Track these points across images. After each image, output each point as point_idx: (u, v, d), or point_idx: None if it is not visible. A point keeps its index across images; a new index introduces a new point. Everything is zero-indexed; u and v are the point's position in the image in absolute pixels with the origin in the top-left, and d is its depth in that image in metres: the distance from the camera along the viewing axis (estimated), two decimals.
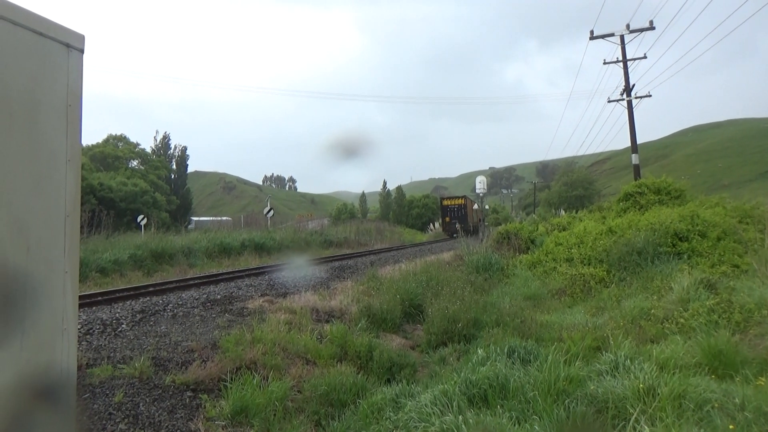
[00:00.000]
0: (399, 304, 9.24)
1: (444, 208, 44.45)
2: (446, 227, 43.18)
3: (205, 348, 6.43)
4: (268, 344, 6.48)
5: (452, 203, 44.35)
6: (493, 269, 13.16)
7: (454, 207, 43.70)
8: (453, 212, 43.44)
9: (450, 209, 43.79)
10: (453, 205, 43.97)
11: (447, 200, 45.51)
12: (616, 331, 6.51)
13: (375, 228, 41.43)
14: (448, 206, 44.05)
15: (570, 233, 15.06)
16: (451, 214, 43.46)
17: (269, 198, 42.34)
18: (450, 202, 44.86)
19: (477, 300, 9.39)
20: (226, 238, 21.87)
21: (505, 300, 9.67)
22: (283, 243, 24.20)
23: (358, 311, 8.77)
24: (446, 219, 43.78)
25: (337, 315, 8.73)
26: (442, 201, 45.83)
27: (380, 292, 10.07)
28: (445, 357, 7.19)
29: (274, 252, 22.70)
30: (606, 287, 10.39)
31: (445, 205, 44.41)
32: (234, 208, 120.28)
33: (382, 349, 7.10)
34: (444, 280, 10.80)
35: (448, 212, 43.85)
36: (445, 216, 44.18)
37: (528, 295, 10.37)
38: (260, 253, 21.86)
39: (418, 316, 9.34)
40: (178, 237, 21.68)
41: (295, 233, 27.63)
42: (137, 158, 56.85)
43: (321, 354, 6.75)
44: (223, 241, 21.00)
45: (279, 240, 24.27)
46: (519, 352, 5.84)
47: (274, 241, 23.82)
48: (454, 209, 43.55)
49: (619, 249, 11.60)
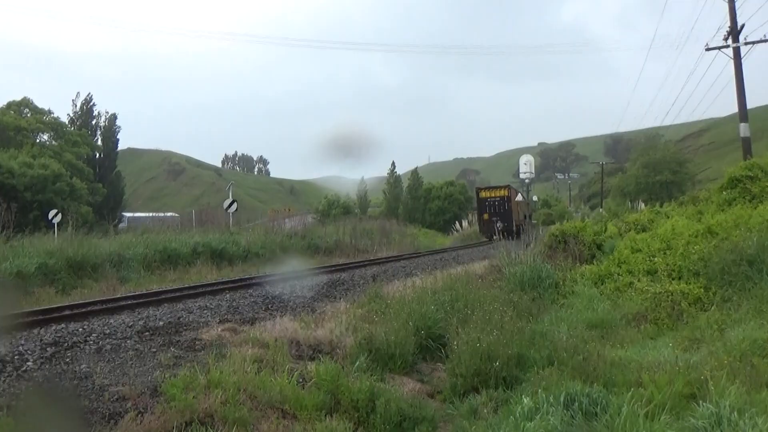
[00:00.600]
0: (412, 335, 9.31)
1: (481, 202, 44.74)
2: (484, 227, 43.50)
3: (142, 395, 6.52)
4: (229, 390, 6.57)
5: (492, 195, 44.47)
6: (543, 285, 13.21)
7: (494, 200, 43.92)
8: (493, 207, 43.67)
9: (489, 203, 44.03)
10: (493, 198, 44.16)
11: (485, 191, 45.73)
12: (717, 372, 6.55)
13: (379, 228, 41.22)
14: (487, 200, 44.29)
15: (652, 235, 15.03)
16: (491, 210, 43.69)
17: (231, 186, 40.70)
18: (489, 193, 45.02)
19: (521, 328, 9.45)
20: (172, 242, 21.94)
21: (561, 328, 9.72)
22: (251, 249, 24.21)
23: (356, 344, 8.85)
24: (484, 216, 44.05)
25: (326, 350, 8.83)
26: (479, 192, 46.10)
27: (386, 317, 10.09)
28: (476, 408, 7.24)
29: (239, 261, 22.76)
30: (703, 311, 10.43)
31: (483, 198, 44.66)
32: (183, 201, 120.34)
33: (388, 397, 7.18)
34: (475, 301, 10.83)
35: (486, 207, 44.12)
36: (482, 212, 44.47)
37: (593, 322, 10.43)
38: (219, 262, 21.95)
39: (439, 352, 9.43)
40: (105, 240, 21.67)
41: (267, 235, 27.63)
42: (49, 131, 57.25)
43: (303, 403, 6.83)
44: (167, 247, 21.08)
45: (245, 245, 24.36)
46: (581, 402, 5.86)
47: (239, 247, 23.91)
48: (494, 203, 43.75)
49: (722, 257, 11.58)
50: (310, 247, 28.80)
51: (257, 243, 25.26)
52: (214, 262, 21.74)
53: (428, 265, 20.79)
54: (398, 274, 18.19)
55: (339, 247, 31.11)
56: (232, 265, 22.20)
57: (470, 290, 11.71)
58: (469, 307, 10.39)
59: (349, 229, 35.95)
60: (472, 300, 10.93)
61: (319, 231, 34.82)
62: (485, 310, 10.09)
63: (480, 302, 10.66)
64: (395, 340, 8.81)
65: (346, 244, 32.08)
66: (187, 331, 9.67)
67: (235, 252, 23.43)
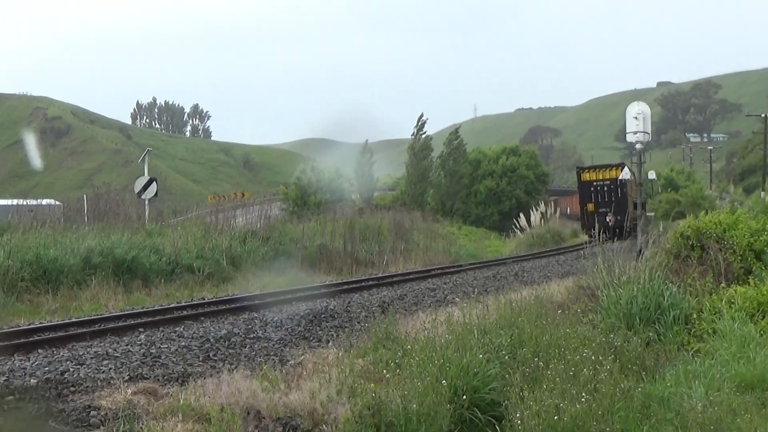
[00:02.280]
0: (447, 401, 7.47)
1: (584, 186, 37.40)
2: (588, 221, 35.85)
3: None
4: None
5: (600, 178, 37.03)
6: (665, 320, 10.70)
7: (602, 185, 36.61)
8: (601, 194, 36.52)
9: (596, 189, 36.68)
10: (601, 182, 36.76)
11: (590, 172, 38.59)
12: None
13: (392, 225, 30.29)
14: (593, 183, 37.06)
15: None
16: (597, 198, 36.41)
17: (148, 156, 29.14)
18: (595, 175, 37.61)
19: (628, 391, 7.81)
20: (50, 247, 15.79)
21: (695, 391, 7.93)
22: (181, 260, 17.93)
23: (354, 417, 7.24)
24: (588, 207, 37.05)
25: (305, 426, 7.34)
26: (581, 174, 38.75)
27: (404, 372, 8.22)
28: None
29: (160, 280, 16.91)
30: None
31: (587, 182, 37.25)
32: (68, 179, 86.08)
33: None
34: (552, 346, 8.73)
35: (591, 194, 36.87)
36: (585, 201, 37.36)
37: (749, 381, 8.39)
38: (128, 282, 16.13)
39: (491, 428, 7.67)
40: None
41: (206, 237, 20.50)
42: None
43: None
44: (41, 256, 15.12)
45: (170, 253, 17.97)
46: None
47: (160, 257, 17.59)
48: (602, 189, 36.42)
49: None
50: (277, 256, 21.34)
51: (190, 250, 18.69)
52: (119, 280, 16.03)
53: (474, 285, 16.90)
54: (424, 302, 14.70)
55: (326, 257, 23.09)
56: (150, 286, 16.56)
57: (544, 328, 9.53)
58: (541, 356, 8.51)
59: (342, 227, 26.68)
60: (547, 344, 8.85)
61: (292, 229, 26.16)
62: (568, 360, 8.23)
63: (560, 348, 8.76)
64: (419, 411, 7.21)
65: (337, 251, 24.02)
66: (77, 394, 7.73)
67: (155, 265, 17.11)
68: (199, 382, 8.01)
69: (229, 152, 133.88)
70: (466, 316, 10.17)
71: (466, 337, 9.02)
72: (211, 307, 13.66)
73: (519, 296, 12.26)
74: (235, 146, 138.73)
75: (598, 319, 10.97)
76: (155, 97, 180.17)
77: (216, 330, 11.40)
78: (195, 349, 10.10)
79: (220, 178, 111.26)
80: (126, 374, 8.47)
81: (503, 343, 8.99)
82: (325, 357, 9.41)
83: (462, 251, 32.57)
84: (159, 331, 11.42)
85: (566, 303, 12.23)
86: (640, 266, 12.28)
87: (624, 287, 11.36)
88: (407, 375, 8.07)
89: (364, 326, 11.87)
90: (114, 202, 24.95)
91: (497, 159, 55.76)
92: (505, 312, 10.46)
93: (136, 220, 23.79)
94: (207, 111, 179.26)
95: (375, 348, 9.66)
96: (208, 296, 15.54)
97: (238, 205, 31.31)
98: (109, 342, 10.58)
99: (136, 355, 9.65)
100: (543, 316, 10.23)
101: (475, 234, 47.29)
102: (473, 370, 8.04)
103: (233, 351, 10.03)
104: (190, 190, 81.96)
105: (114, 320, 12.43)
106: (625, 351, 9.26)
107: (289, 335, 11.39)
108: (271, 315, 12.97)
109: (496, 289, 15.25)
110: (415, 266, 24.24)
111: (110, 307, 14.30)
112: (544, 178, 60.51)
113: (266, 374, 8.39)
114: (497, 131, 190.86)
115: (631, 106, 20.40)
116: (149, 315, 12.88)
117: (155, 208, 27.51)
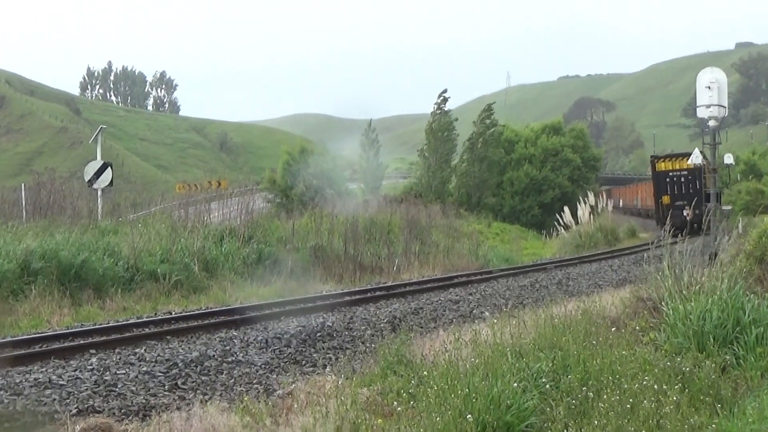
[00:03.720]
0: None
1: (660, 177, 36.49)
2: (663, 214, 34.44)
3: None
4: None
5: (677, 167, 35.96)
6: (745, 339, 9.35)
7: (679, 175, 36.00)
8: (678, 185, 35.63)
9: (672, 180, 35.91)
10: (678, 172, 35.87)
11: (665, 161, 37.95)
12: None
13: (405, 219, 27.45)
14: (669, 174, 36.21)
15: None
16: (673, 190, 35.73)
17: (101, 134, 25.73)
18: (671, 164, 36.64)
19: (699, 428, 7.01)
20: None
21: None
22: (142, 265, 15.89)
23: None
24: (663, 199, 36.52)
25: None
26: (656, 163, 37.54)
27: (420, 404, 7.45)
28: None
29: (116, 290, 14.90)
30: None
31: (662, 172, 36.49)
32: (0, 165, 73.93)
33: None
34: (604, 372, 7.80)
35: (667, 185, 36.04)
36: (661, 192, 36.11)
37: None
38: (77, 292, 14.34)
39: None
40: None
41: (173, 237, 18.01)
42: None
43: None
44: None
45: (129, 256, 15.92)
46: None
47: (116, 260, 15.53)
48: (679, 180, 35.57)
49: None
50: (261, 259, 19.00)
51: (154, 252, 16.62)
52: (65, 290, 14.23)
53: (506, 297, 15.47)
54: (444, 317, 13.35)
55: (322, 261, 20.74)
56: (104, 297, 14.65)
57: (594, 350, 8.35)
58: (591, 385, 7.53)
59: (342, 224, 23.94)
60: (598, 370, 7.88)
61: (280, 227, 23.62)
62: (624, 390, 7.31)
63: (614, 374, 7.77)
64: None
65: (336, 253, 21.56)
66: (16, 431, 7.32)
67: (110, 271, 15.01)
68: (164, 417, 7.42)
69: (202, 131, 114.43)
70: (497, 335, 9.02)
71: (497, 361, 7.93)
72: (180, 324, 12.05)
73: (563, 310, 11.02)
74: (210, 123, 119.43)
75: (661, 338, 9.72)
76: (110, 62, 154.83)
77: (185, 352, 10.13)
78: (159, 375, 9.03)
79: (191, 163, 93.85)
80: (74, 407, 7.75)
81: (543, 368, 7.90)
82: (321, 385, 8.56)
83: (492, 254, 29.27)
84: (115, 354, 10.10)
85: (622, 318, 11.03)
86: (715, 273, 10.96)
87: (694, 299, 10.09)
88: (423, 408, 7.11)
89: (369, 347, 10.82)
90: (59, 192, 21.91)
91: (535, 138, 48.05)
92: (546, 330, 9.34)
93: (87, 216, 20.89)
94: (174, 80, 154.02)
95: (383, 374, 8.69)
96: (175, 310, 13.80)
97: (214, 196, 28.10)
98: (52, 367, 9.30)
99: (86, 383, 8.57)
100: (593, 335, 9.08)
101: (509, 232, 41.96)
102: (506, 401, 6.99)
103: (207, 378, 9.04)
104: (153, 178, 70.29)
105: (59, 339, 10.97)
106: (695, 378, 8.10)
107: (276, 358, 10.34)
108: (254, 333, 11.57)
109: (534, 302, 13.94)
110: (434, 273, 21.89)
111: (54, 324, 12.62)
112: (594, 162, 52.52)
113: (248, 407, 7.60)
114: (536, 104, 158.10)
115: (703, 73, 17.65)
116: (102, 333, 11.35)
117: (110, 201, 24.99)
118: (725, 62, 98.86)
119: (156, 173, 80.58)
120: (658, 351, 8.97)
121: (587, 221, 35.78)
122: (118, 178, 27.34)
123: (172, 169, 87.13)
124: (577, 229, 35.55)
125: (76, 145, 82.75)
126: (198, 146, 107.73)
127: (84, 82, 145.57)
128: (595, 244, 33.43)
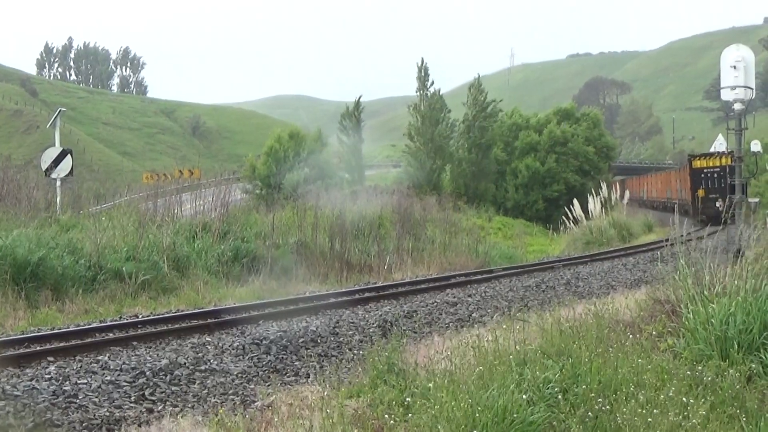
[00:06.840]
0: None
1: (696, 174, 39.17)
2: (700, 207, 38.79)
3: None
4: None
5: (711, 165, 38.46)
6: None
7: (713, 172, 38.40)
8: (712, 180, 38.06)
9: (707, 175, 38.42)
10: (712, 169, 38.65)
11: (700, 160, 40.28)
12: None
13: (397, 214, 26.01)
14: (704, 170, 38.72)
15: None
16: (707, 185, 38.21)
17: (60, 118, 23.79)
18: (706, 162, 39.24)
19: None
20: None
21: None
22: (106, 263, 14.96)
23: None
24: (699, 192, 38.95)
25: None
26: (692, 161, 40.26)
27: (414, 418, 6.98)
28: None
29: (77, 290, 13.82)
30: None
31: (698, 169, 39.10)
32: None
33: None
34: (619, 382, 7.40)
35: (702, 180, 38.63)
36: (696, 186, 38.82)
37: None
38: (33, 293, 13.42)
39: None
40: None
41: (141, 232, 16.94)
42: None
43: None
44: None
45: (91, 253, 14.90)
46: None
47: (77, 258, 14.61)
48: (713, 175, 38.00)
49: None
50: (238, 257, 18.13)
51: (119, 249, 15.66)
52: (20, 291, 13.33)
53: (509, 299, 14.93)
54: (440, 321, 12.89)
55: (306, 258, 20.07)
56: (63, 298, 13.78)
57: (606, 357, 7.93)
58: (605, 396, 7.08)
59: (328, 218, 22.62)
60: (610, 380, 7.49)
61: (259, 221, 22.46)
62: (641, 403, 6.82)
63: (629, 385, 7.38)
64: None
65: (321, 250, 20.50)
66: None
67: (70, 270, 14.12)
68: (130, 431, 7.32)
69: (173, 114, 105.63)
70: (499, 341, 8.38)
71: (498, 370, 7.49)
72: (148, 328, 11.31)
73: (572, 314, 10.40)
74: (181, 106, 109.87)
75: (680, 344, 9.08)
76: (71, 38, 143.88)
77: (154, 360, 9.49)
78: (125, 385, 8.52)
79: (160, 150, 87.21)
80: (30, 420, 7.38)
81: (551, 377, 7.37)
82: (304, 397, 8.12)
83: (493, 251, 27.89)
84: (75, 361, 9.44)
85: (637, 323, 10.40)
86: (740, 272, 10.27)
87: (717, 301, 9.41)
88: (418, 421, 6.71)
89: (357, 355, 10.27)
90: (13, 182, 20.41)
91: (543, 124, 44.49)
92: (554, 335, 8.77)
93: (44, 208, 19.35)
94: (141, 57, 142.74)
95: (373, 384, 8.05)
96: (143, 313, 12.92)
97: (185, 187, 26.61)
98: (6, 376, 8.63)
99: (43, 393, 8.07)
100: (606, 341, 8.50)
101: (512, 228, 39.72)
102: (510, 415, 6.59)
103: (177, 388, 8.59)
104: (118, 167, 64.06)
105: (13, 346, 10.27)
106: (717, 388, 7.63)
107: (254, 367, 9.82)
108: (229, 339, 10.91)
109: (540, 304, 13.32)
110: (429, 272, 20.90)
111: (8, 328, 11.85)
112: (608, 152, 49.10)
113: (223, 420, 7.24)
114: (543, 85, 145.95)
115: (728, 51, 16.07)
116: (62, 338, 10.64)
117: (71, 191, 22.97)
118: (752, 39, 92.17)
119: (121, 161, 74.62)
120: (676, 359, 8.52)
121: (599, 216, 34.08)
122: (79, 167, 25.48)
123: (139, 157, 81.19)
124: (588, 225, 33.72)
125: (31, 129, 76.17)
126: (167, 131, 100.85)
127: (41, 59, 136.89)
128: (607, 240, 31.83)
